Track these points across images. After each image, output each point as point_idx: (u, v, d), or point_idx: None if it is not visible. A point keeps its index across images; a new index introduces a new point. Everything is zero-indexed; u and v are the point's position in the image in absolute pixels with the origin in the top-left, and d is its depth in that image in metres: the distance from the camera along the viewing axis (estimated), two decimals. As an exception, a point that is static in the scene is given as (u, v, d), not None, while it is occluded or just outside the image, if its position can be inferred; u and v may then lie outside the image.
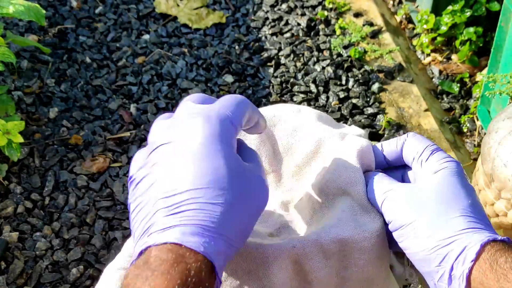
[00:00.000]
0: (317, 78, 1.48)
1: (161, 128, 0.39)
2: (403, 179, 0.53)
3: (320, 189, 0.57)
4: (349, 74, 1.49)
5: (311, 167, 0.60)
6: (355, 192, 0.54)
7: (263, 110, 0.65)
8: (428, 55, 1.57)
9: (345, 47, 1.57)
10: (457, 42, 1.49)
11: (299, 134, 0.61)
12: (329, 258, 0.51)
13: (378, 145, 0.55)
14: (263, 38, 1.62)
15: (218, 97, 1.44)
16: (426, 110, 1.39)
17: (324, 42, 1.59)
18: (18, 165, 1.26)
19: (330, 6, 1.70)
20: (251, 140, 0.61)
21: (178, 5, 1.70)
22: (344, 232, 0.51)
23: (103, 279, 0.54)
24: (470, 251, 0.41)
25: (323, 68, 1.51)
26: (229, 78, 1.49)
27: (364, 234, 0.51)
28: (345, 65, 1.51)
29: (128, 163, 1.29)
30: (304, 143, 0.61)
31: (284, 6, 1.71)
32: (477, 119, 1.36)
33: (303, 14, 1.68)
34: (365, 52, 1.54)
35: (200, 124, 0.38)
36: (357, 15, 1.68)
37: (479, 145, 1.33)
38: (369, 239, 0.51)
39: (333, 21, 1.66)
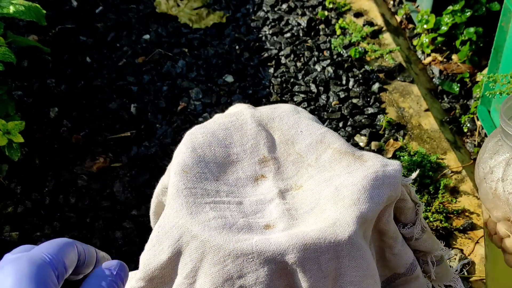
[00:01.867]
0: (317, 78, 1.48)
1: None
2: None
3: (327, 181, 0.57)
4: (349, 74, 1.49)
5: (315, 156, 0.60)
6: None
7: (262, 108, 0.65)
8: (429, 55, 1.57)
9: (345, 47, 1.57)
10: (458, 42, 1.49)
11: (300, 127, 0.61)
12: (326, 277, 0.51)
13: None
14: (263, 38, 1.62)
15: (218, 97, 1.44)
16: (426, 110, 1.39)
17: (324, 42, 1.59)
18: (18, 165, 1.26)
19: (330, 6, 1.70)
20: (247, 130, 0.61)
21: (178, 5, 1.70)
22: (343, 233, 0.51)
23: None
24: None
25: (324, 68, 1.51)
26: (229, 78, 1.49)
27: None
28: (345, 65, 1.51)
29: (129, 163, 1.29)
30: (306, 134, 0.61)
31: (284, 6, 1.71)
32: (478, 119, 1.36)
33: (303, 14, 1.68)
34: (365, 52, 1.54)
35: (8, 272, 0.36)
36: (357, 15, 1.68)
37: (479, 145, 1.33)
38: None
39: (333, 21, 1.66)
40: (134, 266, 0.98)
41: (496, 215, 0.66)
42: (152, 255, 0.55)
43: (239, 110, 0.64)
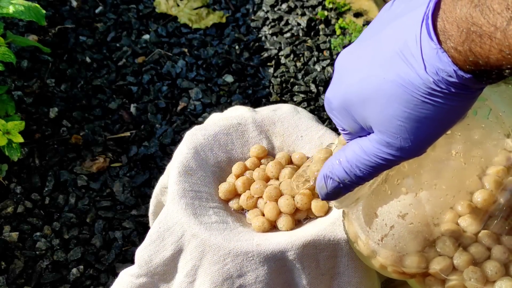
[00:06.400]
0: (317, 78, 1.48)
1: None
2: None
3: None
4: (349, 74, 1.49)
5: None
6: None
7: (262, 109, 0.65)
8: (428, 55, 1.57)
9: (345, 47, 1.57)
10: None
11: (301, 131, 0.62)
12: (324, 274, 0.51)
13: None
14: (263, 38, 1.62)
15: (218, 97, 1.44)
16: (426, 110, 1.39)
17: (324, 42, 1.59)
18: (18, 165, 1.26)
19: (330, 6, 1.70)
20: (249, 139, 0.61)
21: (178, 5, 1.70)
22: (343, 232, 0.51)
23: (119, 285, 0.56)
24: None
25: (323, 68, 1.51)
26: (229, 78, 1.49)
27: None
28: (345, 65, 1.51)
29: (128, 163, 1.29)
30: (305, 140, 0.61)
31: (284, 6, 1.71)
32: (477, 119, 1.36)
33: (303, 14, 1.68)
34: (365, 52, 1.54)
35: None
36: (357, 15, 1.68)
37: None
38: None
39: (333, 21, 1.66)
40: (134, 265, 0.96)
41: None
42: (154, 251, 0.55)
43: (240, 114, 0.64)
